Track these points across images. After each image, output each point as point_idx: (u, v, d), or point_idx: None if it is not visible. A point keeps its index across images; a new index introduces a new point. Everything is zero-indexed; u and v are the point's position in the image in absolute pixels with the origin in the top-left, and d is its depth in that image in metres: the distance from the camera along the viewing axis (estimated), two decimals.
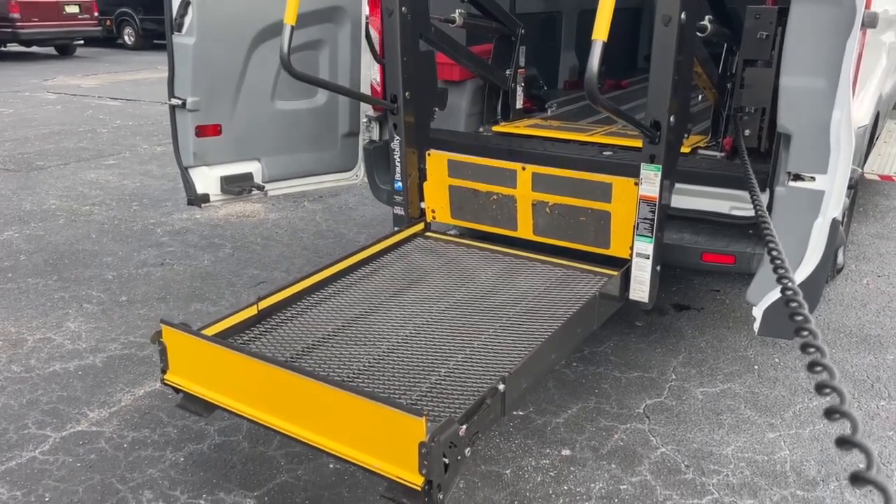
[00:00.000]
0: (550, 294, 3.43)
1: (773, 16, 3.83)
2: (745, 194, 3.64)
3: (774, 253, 1.79)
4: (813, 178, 2.47)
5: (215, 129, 3.80)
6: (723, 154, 4.13)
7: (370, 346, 2.99)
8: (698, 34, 3.58)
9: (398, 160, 4.00)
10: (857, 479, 0.95)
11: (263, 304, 3.15)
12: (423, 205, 4.17)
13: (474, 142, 4.57)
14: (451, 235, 4.20)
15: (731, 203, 3.75)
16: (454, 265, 3.78)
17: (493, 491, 2.86)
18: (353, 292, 3.48)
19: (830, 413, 1.05)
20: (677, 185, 3.51)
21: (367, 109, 4.58)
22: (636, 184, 3.31)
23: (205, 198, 3.85)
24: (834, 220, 2.50)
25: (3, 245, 5.49)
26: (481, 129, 4.90)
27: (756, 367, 3.79)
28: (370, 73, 4.50)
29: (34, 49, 19.82)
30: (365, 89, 4.50)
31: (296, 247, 5.51)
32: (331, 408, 2.39)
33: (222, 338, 2.93)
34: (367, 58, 4.45)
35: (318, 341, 3.03)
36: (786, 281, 1.67)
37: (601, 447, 3.13)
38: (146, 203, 6.59)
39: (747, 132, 3.93)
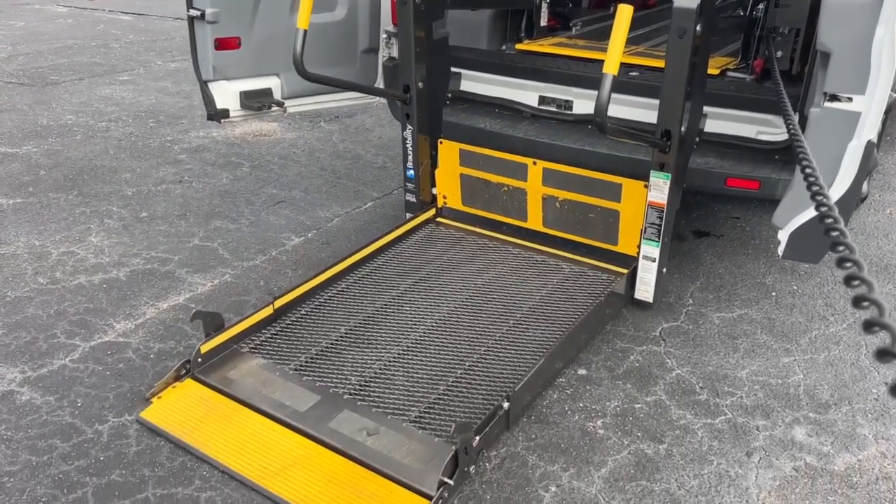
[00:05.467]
0: (558, 293, 3.49)
1: None
2: (773, 118, 3.58)
3: (808, 171, 1.76)
4: (850, 99, 2.41)
5: (234, 43, 3.73)
6: (752, 77, 4.03)
7: (380, 351, 3.05)
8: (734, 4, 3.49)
9: (410, 149, 4.02)
10: (871, 325, 0.99)
11: (279, 303, 3.22)
12: (434, 191, 4.17)
13: (497, 60, 4.47)
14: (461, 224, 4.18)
15: (758, 128, 3.69)
16: (464, 258, 3.80)
17: None
18: (365, 287, 3.52)
19: (858, 301, 1.07)
20: (704, 109, 3.45)
21: (386, 25, 4.47)
22: (645, 186, 3.34)
23: (224, 113, 3.81)
24: (869, 143, 2.46)
25: (23, 159, 5.50)
26: (504, 48, 4.78)
27: (774, 293, 3.80)
28: None
29: None
30: (386, 2, 4.38)
31: (313, 167, 5.49)
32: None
33: (241, 338, 3.04)
34: None
35: (331, 344, 3.09)
36: (821, 197, 1.64)
37: (617, 367, 3.18)
38: (162, 120, 6.54)
39: (779, 54, 3.82)
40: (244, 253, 4.13)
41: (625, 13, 2.56)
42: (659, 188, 3.28)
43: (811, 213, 2.59)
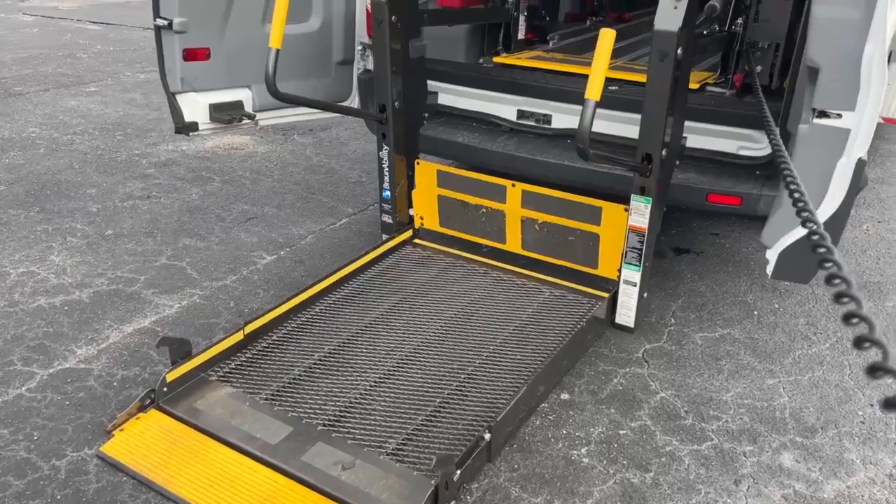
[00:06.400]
0: (538, 318, 3.40)
1: None
2: (754, 133, 3.54)
3: (797, 194, 1.69)
4: (839, 116, 2.35)
5: (204, 53, 3.60)
6: (732, 91, 3.99)
7: (355, 379, 2.92)
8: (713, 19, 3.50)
9: (387, 169, 3.93)
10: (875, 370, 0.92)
11: (250, 328, 3.09)
12: (411, 211, 4.08)
13: (474, 73, 4.40)
14: (438, 245, 4.04)
15: (739, 143, 3.65)
16: (442, 281, 3.70)
17: None
18: (340, 311, 3.40)
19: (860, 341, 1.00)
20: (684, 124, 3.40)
21: (361, 37, 4.37)
22: (626, 209, 3.29)
23: (193, 126, 3.67)
24: (860, 161, 2.40)
25: None
26: (481, 61, 4.71)
27: (756, 312, 3.75)
28: None
29: None
30: (361, 13, 4.28)
31: (286, 182, 5.36)
32: None
33: (209, 365, 2.89)
34: None
35: (304, 372, 2.96)
36: (811, 225, 1.59)
37: (600, 391, 3.09)
38: (130, 133, 6.36)
39: (759, 68, 3.79)
40: (214, 272, 3.99)
41: (607, 38, 2.51)
42: (640, 212, 3.22)
43: (800, 232, 2.54)
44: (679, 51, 2.91)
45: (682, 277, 4.10)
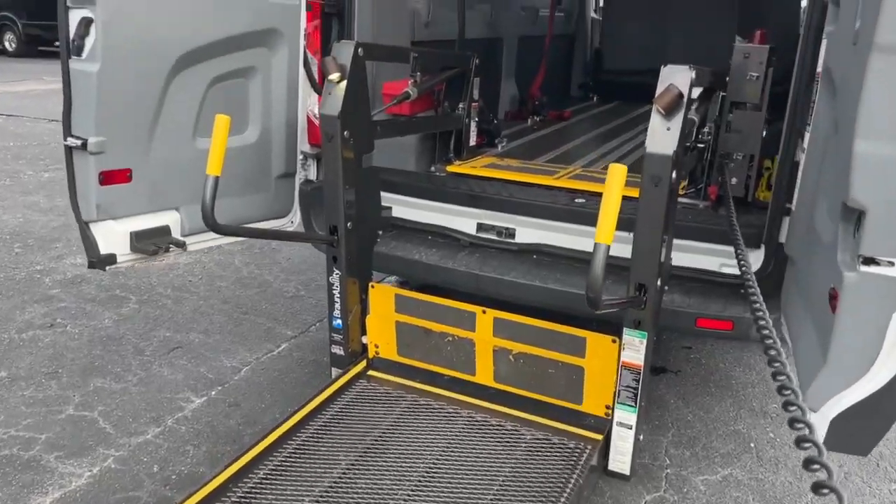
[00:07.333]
0: (525, 473, 2.91)
1: (764, 55, 3.53)
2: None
3: (781, 379, 1.47)
4: (891, 264, 2.09)
5: (124, 175, 3.09)
6: (706, 203, 3.78)
7: None
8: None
9: (337, 296, 3.48)
10: None
11: None
12: (364, 339, 3.63)
13: (429, 184, 4.05)
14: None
15: (721, 259, 3.39)
16: (406, 425, 3.19)
17: None
18: (289, 477, 2.81)
19: None
20: None
21: (302, 145, 3.98)
22: (614, 341, 2.97)
23: (110, 259, 3.11)
24: None
25: None
26: (433, 169, 4.38)
27: (753, 444, 3.42)
28: (308, 104, 3.91)
29: None
30: (301, 120, 3.89)
31: (214, 300, 4.78)
32: None
33: None
34: (304, 87, 3.86)
35: None
36: (793, 408, 1.40)
37: None
38: (31, 244, 5.64)
39: (734, 180, 3.61)
40: (132, 424, 3.35)
41: (618, 175, 2.22)
42: (634, 347, 2.88)
43: (856, 395, 2.22)
44: (674, 174, 2.66)
45: (666, 404, 3.75)
